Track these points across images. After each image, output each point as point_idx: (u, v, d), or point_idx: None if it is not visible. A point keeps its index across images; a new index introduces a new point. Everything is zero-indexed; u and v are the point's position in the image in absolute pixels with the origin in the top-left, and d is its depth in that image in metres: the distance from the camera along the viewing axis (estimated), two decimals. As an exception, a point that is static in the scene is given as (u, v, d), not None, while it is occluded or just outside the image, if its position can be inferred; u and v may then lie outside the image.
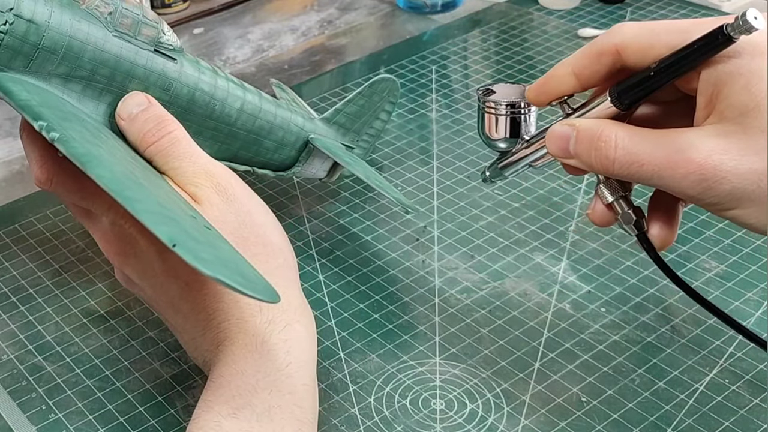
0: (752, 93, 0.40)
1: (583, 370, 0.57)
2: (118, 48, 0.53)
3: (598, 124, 0.44)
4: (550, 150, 0.46)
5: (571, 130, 0.44)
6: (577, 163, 0.45)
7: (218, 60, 0.96)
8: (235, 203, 0.50)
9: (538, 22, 1.02)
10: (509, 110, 0.50)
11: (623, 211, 0.47)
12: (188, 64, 0.57)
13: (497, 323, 0.61)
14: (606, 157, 0.43)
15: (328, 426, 0.54)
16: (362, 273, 0.66)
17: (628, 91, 0.44)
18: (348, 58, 0.97)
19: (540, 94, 0.47)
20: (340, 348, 0.59)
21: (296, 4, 1.07)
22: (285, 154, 0.65)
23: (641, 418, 0.54)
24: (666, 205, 0.47)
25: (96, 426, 0.54)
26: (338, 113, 0.68)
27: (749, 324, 0.60)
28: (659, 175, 0.41)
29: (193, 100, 0.57)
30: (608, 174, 0.44)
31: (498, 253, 0.67)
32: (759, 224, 0.41)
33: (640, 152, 0.42)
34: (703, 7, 1.02)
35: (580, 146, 0.44)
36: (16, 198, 0.75)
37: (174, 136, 0.52)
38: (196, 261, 0.40)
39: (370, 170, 0.69)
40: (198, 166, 0.51)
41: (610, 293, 0.63)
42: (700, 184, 0.40)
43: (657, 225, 0.47)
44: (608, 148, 0.43)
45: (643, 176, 0.42)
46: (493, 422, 0.54)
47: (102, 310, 0.63)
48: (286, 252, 0.51)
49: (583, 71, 0.45)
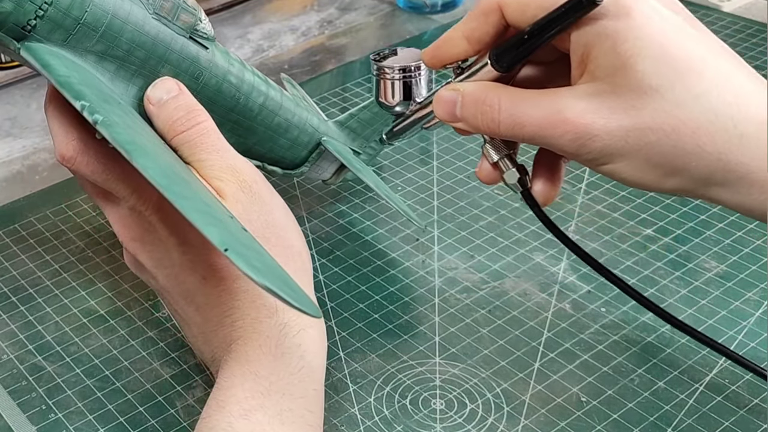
0: (618, 53, 0.40)
1: (583, 370, 0.57)
2: (155, 31, 0.52)
3: (482, 88, 0.45)
4: (437, 115, 0.47)
5: (456, 95, 0.45)
6: (465, 126, 0.46)
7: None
8: (259, 202, 0.50)
9: (538, 22, 1.02)
10: (401, 74, 0.51)
11: (508, 170, 0.48)
12: (219, 54, 0.57)
13: (497, 323, 0.61)
14: (491, 120, 0.44)
15: (328, 426, 0.54)
16: (362, 273, 0.66)
17: (504, 53, 0.44)
18: (348, 58, 0.97)
19: (433, 58, 0.48)
20: (340, 348, 0.59)
21: (296, 4, 1.07)
22: (297, 153, 0.65)
23: (641, 418, 0.54)
24: (549, 162, 0.48)
25: (96, 426, 0.54)
26: (352, 118, 0.68)
27: (749, 324, 0.60)
28: (540, 135, 0.43)
29: (220, 90, 0.57)
30: (494, 135, 0.46)
31: (498, 253, 0.67)
32: (630, 178, 0.43)
33: (522, 114, 0.43)
34: (703, 7, 1.02)
35: (466, 110, 0.45)
36: (16, 198, 0.75)
37: (204, 127, 0.51)
38: (249, 268, 0.39)
39: (377, 179, 0.69)
40: (225, 161, 0.50)
41: (610, 293, 0.63)
42: (576, 142, 0.42)
43: (540, 181, 0.48)
44: (492, 111, 0.44)
45: (525, 137, 0.44)
46: (493, 422, 0.54)
47: (102, 310, 0.63)
48: (304, 255, 0.51)
49: (473, 33, 0.45)
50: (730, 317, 0.60)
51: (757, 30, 0.96)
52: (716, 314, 0.61)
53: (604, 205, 0.72)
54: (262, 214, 0.50)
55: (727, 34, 0.96)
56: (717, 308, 0.61)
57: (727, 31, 0.97)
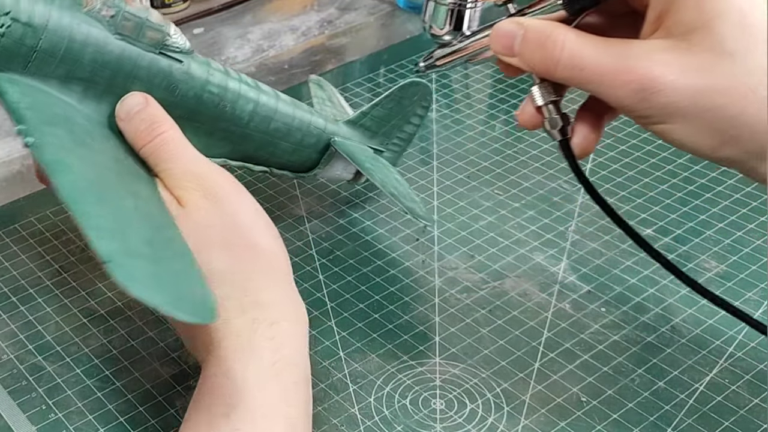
0: (702, 11, 0.40)
1: (583, 370, 0.57)
2: (119, 50, 0.53)
3: (548, 25, 0.44)
4: (493, 47, 0.46)
5: (518, 29, 0.45)
6: (519, 62, 0.45)
7: (218, 60, 0.96)
8: (222, 205, 0.50)
9: (538, 22, 1.02)
10: (456, 2, 0.50)
11: (551, 116, 0.47)
12: (197, 66, 0.57)
13: (497, 323, 0.61)
14: (551, 57, 0.43)
15: (329, 426, 0.54)
16: (362, 273, 0.66)
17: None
18: (348, 58, 0.97)
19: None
20: (340, 348, 0.59)
21: (296, 4, 1.07)
22: (305, 156, 0.64)
23: (641, 418, 0.54)
24: (593, 115, 0.48)
25: (96, 426, 0.54)
26: (364, 116, 0.67)
27: (749, 324, 0.60)
28: (599, 80, 0.42)
29: (201, 101, 0.57)
30: (549, 75, 0.44)
31: (498, 253, 0.67)
32: (684, 140, 0.42)
33: (585, 56, 0.42)
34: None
35: (525, 45, 0.44)
36: (16, 198, 0.75)
37: (164, 137, 0.52)
38: (125, 279, 0.40)
39: (391, 177, 0.68)
40: (186, 168, 0.52)
41: (610, 293, 0.63)
42: (637, 94, 0.41)
43: (581, 134, 0.47)
44: (555, 48, 0.43)
45: (583, 80, 0.43)
46: (493, 422, 0.54)
47: (102, 310, 0.63)
48: (274, 251, 0.51)
49: None
50: (730, 317, 0.60)
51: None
52: (716, 314, 0.61)
53: (604, 205, 0.71)
54: (225, 216, 0.50)
55: (727, 34, 0.96)
56: (717, 308, 0.61)
57: None
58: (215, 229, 0.50)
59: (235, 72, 0.60)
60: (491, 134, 0.81)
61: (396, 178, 0.69)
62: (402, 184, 0.69)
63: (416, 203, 0.68)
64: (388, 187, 0.65)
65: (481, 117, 0.84)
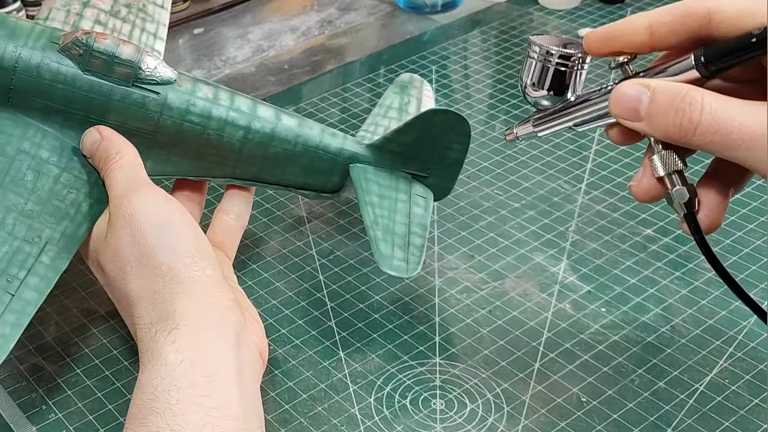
0: None
1: (583, 370, 0.57)
2: (88, 86, 0.57)
3: (681, 86, 0.41)
4: (614, 111, 0.43)
5: (644, 90, 0.42)
6: (645, 126, 0.42)
7: (218, 60, 0.96)
8: (132, 226, 0.52)
9: (538, 22, 1.02)
10: (563, 61, 0.46)
11: (677, 187, 0.43)
12: (176, 96, 0.58)
13: (497, 323, 0.61)
14: (689, 120, 0.40)
15: (329, 426, 0.54)
16: (362, 273, 0.66)
17: (720, 56, 0.41)
18: (348, 58, 0.97)
19: (603, 41, 0.44)
20: (340, 348, 0.60)
21: (296, 4, 1.07)
22: (323, 180, 0.63)
23: (641, 418, 0.54)
24: (719, 186, 0.45)
25: (96, 426, 0.54)
26: (389, 141, 0.63)
27: (750, 324, 0.60)
28: (748, 146, 0.39)
29: (182, 130, 0.59)
30: (684, 141, 0.41)
31: (498, 253, 0.67)
32: None
33: (729, 119, 0.39)
34: (703, 7, 1.01)
35: (655, 108, 0.41)
36: (16, 198, 0.75)
37: (111, 167, 0.56)
38: None
39: (395, 215, 0.62)
40: (112, 194, 0.55)
41: (610, 293, 0.63)
42: None
43: (707, 206, 0.44)
44: (693, 110, 0.40)
45: (727, 146, 0.39)
46: (493, 422, 0.54)
47: (102, 310, 0.63)
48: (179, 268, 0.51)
49: (661, 28, 0.42)
50: (730, 317, 0.60)
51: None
52: (716, 314, 0.61)
53: (604, 205, 0.72)
54: (135, 236, 0.52)
55: (727, 34, 0.96)
56: (717, 308, 0.61)
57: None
58: (126, 252, 0.52)
59: (228, 96, 0.60)
60: (491, 134, 0.81)
61: (403, 220, 0.62)
62: (418, 225, 0.62)
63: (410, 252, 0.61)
64: (375, 229, 0.60)
65: (481, 117, 0.84)
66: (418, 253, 0.60)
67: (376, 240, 0.59)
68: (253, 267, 0.67)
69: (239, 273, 0.65)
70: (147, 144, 0.59)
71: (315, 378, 0.57)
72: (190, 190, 0.62)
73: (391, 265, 0.58)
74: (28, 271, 0.52)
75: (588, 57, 0.46)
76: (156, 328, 0.49)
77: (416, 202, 0.63)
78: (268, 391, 0.56)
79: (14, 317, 0.50)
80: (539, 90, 0.47)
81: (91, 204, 0.56)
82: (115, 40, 0.58)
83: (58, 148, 0.57)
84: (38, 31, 0.58)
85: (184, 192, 0.62)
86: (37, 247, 0.53)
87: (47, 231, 0.54)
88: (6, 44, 0.57)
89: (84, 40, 0.57)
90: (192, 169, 0.60)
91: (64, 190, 0.56)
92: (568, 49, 0.46)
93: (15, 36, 0.57)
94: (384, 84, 0.90)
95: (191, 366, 0.47)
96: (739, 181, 0.45)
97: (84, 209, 0.56)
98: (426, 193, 0.64)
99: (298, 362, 0.59)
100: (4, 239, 0.53)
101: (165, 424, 0.44)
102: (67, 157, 0.58)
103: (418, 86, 0.73)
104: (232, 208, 0.61)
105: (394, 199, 0.62)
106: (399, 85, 0.73)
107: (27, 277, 0.52)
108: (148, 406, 0.45)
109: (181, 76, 0.59)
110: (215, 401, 0.46)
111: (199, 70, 0.93)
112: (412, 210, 0.62)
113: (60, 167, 0.57)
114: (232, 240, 0.61)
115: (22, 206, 0.54)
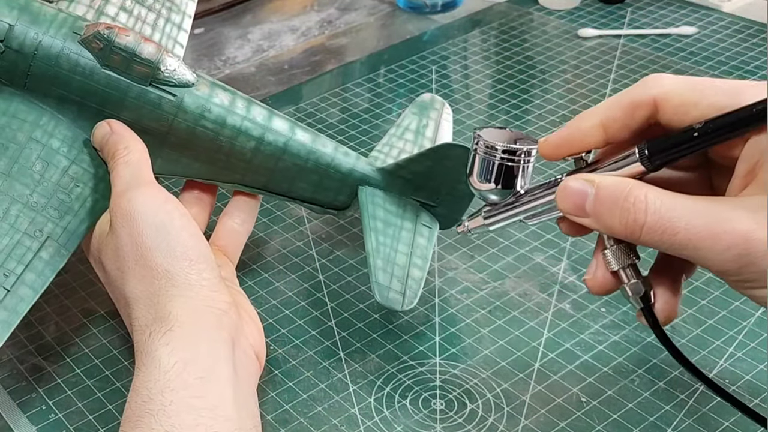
0: None
1: (583, 370, 0.57)
2: (105, 81, 0.57)
3: (624, 183, 0.40)
4: (561, 207, 0.42)
5: (588, 187, 0.41)
6: (592, 223, 0.41)
7: (218, 60, 0.96)
8: (130, 225, 0.52)
9: (538, 22, 1.02)
10: (508, 156, 0.45)
11: (632, 281, 0.43)
12: (192, 100, 0.58)
13: (497, 323, 0.61)
14: (634, 220, 0.39)
15: (329, 426, 0.54)
16: (362, 273, 0.66)
17: (663, 150, 0.40)
18: (348, 58, 0.97)
19: (559, 147, 0.44)
20: (340, 348, 0.59)
21: (296, 4, 1.07)
22: (330, 197, 0.62)
23: (641, 418, 0.54)
24: (670, 276, 0.44)
25: (96, 426, 0.54)
26: (400, 168, 0.62)
27: (750, 324, 0.60)
28: (695, 245, 0.38)
29: (194, 135, 0.58)
30: (631, 239, 0.40)
31: (498, 253, 0.67)
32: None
33: (675, 218, 0.38)
34: (703, 7, 1.02)
35: (600, 206, 0.40)
36: (16, 198, 0.75)
37: (117, 162, 0.56)
38: None
39: (398, 245, 0.61)
40: (114, 190, 0.54)
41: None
42: (742, 258, 0.37)
43: (661, 298, 0.44)
44: (638, 210, 0.39)
45: (674, 245, 0.39)
46: (493, 422, 0.54)
47: (102, 310, 0.63)
48: (174, 270, 0.51)
49: (613, 124, 0.42)
50: (730, 317, 0.60)
51: (757, 30, 0.96)
52: (716, 314, 0.61)
53: (604, 205, 0.71)
54: (134, 236, 0.52)
55: (727, 34, 0.96)
56: (717, 308, 0.61)
57: (727, 31, 0.97)
58: (125, 252, 0.52)
59: (244, 105, 0.59)
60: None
61: (405, 250, 0.61)
62: (420, 257, 0.61)
63: (407, 285, 0.59)
64: (375, 257, 0.59)
65: (481, 117, 0.84)
66: (416, 287, 0.59)
67: (375, 269, 0.58)
68: (253, 267, 0.67)
69: (239, 273, 0.65)
70: (159, 143, 0.58)
71: (315, 378, 0.57)
72: (200, 190, 0.61)
73: (386, 297, 0.57)
74: (26, 266, 0.52)
75: (533, 150, 0.45)
76: (150, 330, 0.49)
77: (421, 232, 0.62)
78: (268, 391, 0.56)
79: (5, 315, 0.50)
80: (486, 184, 0.46)
81: (96, 200, 0.56)
82: (137, 38, 0.57)
83: (69, 139, 0.57)
84: (61, 19, 0.57)
85: (194, 192, 0.61)
86: (38, 241, 0.53)
87: (49, 225, 0.54)
88: (27, 29, 0.56)
89: (106, 34, 0.56)
90: (201, 172, 0.60)
91: (71, 183, 0.56)
92: (516, 142, 0.45)
93: (38, 22, 0.56)
94: (384, 84, 0.90)
95: (184, 367, 0.47)
96: (690, 268, 0.45)
97: (88, 205, 0.56)
98: (432, 223, 0.63)
99: (298, 362, 0.59)
100: (5, 231, 0.53)
101: (159, 425, 0.44)
102: (78, 149, 0.57)
103: (438, 108, 0.71)
104: (237, 213, 0.61)
105: (399, 227, 0.61)
106: (419, 105, 0.71)
107: (24, 273, 0.52)
108: (143, 408, 0.46)
109: (200, 80, 0.59)
110: (208, 402, 0.46)
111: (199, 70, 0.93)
112: (415, 240, 0.61)
113: (70, 158, 0.57)
114: (235, 245, 0.61)
115: (27, 197, 0.54)
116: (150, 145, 0.58)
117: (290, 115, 0.81)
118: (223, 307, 0.51)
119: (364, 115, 0.85)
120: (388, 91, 0.89)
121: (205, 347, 0.49)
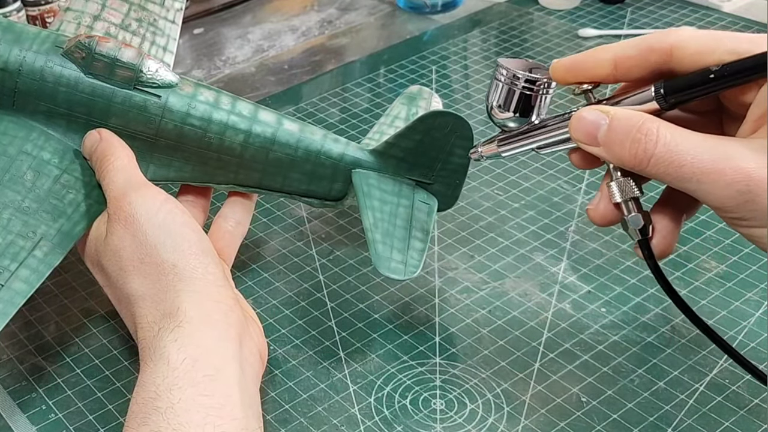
0: None
1: (583, 370, 0.57)
2: (90, 89, 0.58)
3: (638, 116, 0.41)
4: (574, 135, 0.43)
5: (603, 117, 0.42)
6: (602, 152, 0.42)
7: (218, 60, 0.96)
8: (133, 226, 0.52)
9: (538, 22, 1.02)
10: (529, 85, 0.46)
11: (632, 213, 0.44)
12: (177, 99, 0.58)
13: (497, 323, 0.61)
14: (643, 150, 0.40)
15: (329, 426, 0.54)
16: (362, 273, 0.66)
17: (679, 90, 0.41)
18: (348, 58, 0.97)
19: (569, 71, 0.45)
20: (340, 348, 0.60)
21: (296, 4, 1.07)
22: (326, 186, 0.62)
23: (641, 418, 0.54)
24: (672, 213, 0.45)
25: (96, 426, 0.54)
26: (391, 146, 0.61)
27: (749, 324, 0.60)
28: (699, 179, 0.39)
29: (182, 134, 0.59)
30: (638, 170, 0.41)
31: (498, 253, 0.67)
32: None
33: (683, 152, 0.39)
34: (703, 7, 1.02)
35: (612, 135, 0.42)
36: (16, 198, 0.75)
37: (107, 168, 0.56)
38: None
39: (395, 221, 0.60)
40: (111, 194, 0.55)
41: (610, 293, 0.63)
42: (743, 195, 0.39)
43: (660, 233, 0.45)
44: (648, 141, 0.40)
45: (679, 178, 0.40)
46: (493, 422, 0.54)
47: (102, 310, 0.63)
48: (181, 265, 0.51)
49: (625, 62, 0.43)
50: (730, 317, 0.60)
51: (757, 30, 0.96)
52: (716, 314, 0.61)
53: (604, 205, 0.71)
54: (137, 236, 0.52)
55: (727, 34, 0.96)
56: (717, 308, 0.61)
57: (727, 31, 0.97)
58: (127, 251, 0.52)
59: (229, 101, 0.60)
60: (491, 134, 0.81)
61: (404, 225, 0.60)
62: (420, 230, 0.60)
63: (409, 255, 0.59)
64: (374, 232, 0.58)
65: (481, 117, 0.84)
66: (418, 257, 0.58)
67: (375, 242, 0.57)
68: (253, 267, 0.67)
69: (239, 273, 0.65)
70: (149, 148, 0.59)
71: (315, 378, 0.57)
72: (194, 195, 0.62)
73: (388, 266, 0.57)
74: (20, 263, 0.52)
75: (553, 83, 0.47)
76: (159, 326, 0.49)
77: (419, 207, 0.62)
78: (268, 391, 0.56)
79: (1, 306, 0.51)
80: (505, 112, 0.48)
81: (90, 204, 0.56)
82: (117, 44, 0.58)
83: (60, 151, 0.58)
84: (43, 36, 0.59)
85: (189, 197, 0.61)
86: (31, 241, 0.53)
87: (42, 227, 0.54)
88: (11, 48, 0.58)
89: (86, 43, 0.57)
90: (195, 174, 0.60)
91: (63, 190, 0.56)
92: (535, 73, 0.47)
93: (20, 40, 0.58)
94: (384, 84, 0.90)
95: (193, 365, 0.47)
96: (691, 208, 0.46)
97: (82, 209, 0.56)
98: (430, 200, 0.63)
99: (298, 362, 0.59)
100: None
101: (166, 423, 0.44)
102: (69, 160, 0.58)
103: (426, 98, 0.71)
104: (232, 215, 0.61)
105: (396, 204, 0.61)
106: (407, 96, 0.72)
107: (18, 269, 0.52)
108: (150, 405, 0.45)
109: (183, 80, 0.59)
110: (216, 401, 0.46)
111: (199, 70, 0.93)
112: (414, 215, 0.61)
113: (61, 169, 0.57)
114: (230, 246, 0.61)
115: (19, 203, 0.55)
116: (140, 151, 0.58)
117: (290, 115, 0.81)
118: (229, 303, 0.51)
119: (364, 115, 0.85)
120: (388, 91, 0.89)
121: (214, 344, 0.48)
